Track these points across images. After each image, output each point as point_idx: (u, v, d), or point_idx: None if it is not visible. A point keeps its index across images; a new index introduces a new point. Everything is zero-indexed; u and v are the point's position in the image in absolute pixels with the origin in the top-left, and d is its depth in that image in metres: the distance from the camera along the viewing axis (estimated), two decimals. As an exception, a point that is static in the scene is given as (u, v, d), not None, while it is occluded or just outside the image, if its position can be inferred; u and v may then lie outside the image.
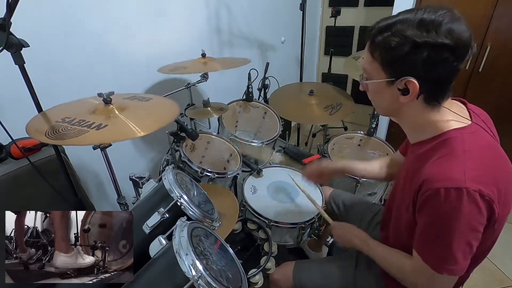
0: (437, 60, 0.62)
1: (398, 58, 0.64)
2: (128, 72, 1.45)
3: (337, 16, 2.18)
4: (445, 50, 0.60)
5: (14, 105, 1.05)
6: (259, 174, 1.51)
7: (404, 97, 0.68)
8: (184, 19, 1.66)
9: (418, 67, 0.63)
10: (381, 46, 0.66)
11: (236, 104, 1.79)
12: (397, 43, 0.62)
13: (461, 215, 0.62)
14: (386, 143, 1.66)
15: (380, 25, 0.66)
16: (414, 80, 0.64)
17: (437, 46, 0.60)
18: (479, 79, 1.94)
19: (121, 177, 1.15)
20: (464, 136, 0.68)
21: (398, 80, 0.66)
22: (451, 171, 0.63)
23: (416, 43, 0.61)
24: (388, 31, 0.64)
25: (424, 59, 0.62)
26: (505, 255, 1.73)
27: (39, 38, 1.07)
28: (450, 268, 0.67)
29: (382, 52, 0.66)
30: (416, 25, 0.61)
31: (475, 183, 0.61)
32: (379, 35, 0.66)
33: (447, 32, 0.60)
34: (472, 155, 0.65)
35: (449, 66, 0.63)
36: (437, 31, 0.60)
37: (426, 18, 0.61)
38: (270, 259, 1.08)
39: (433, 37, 0.60)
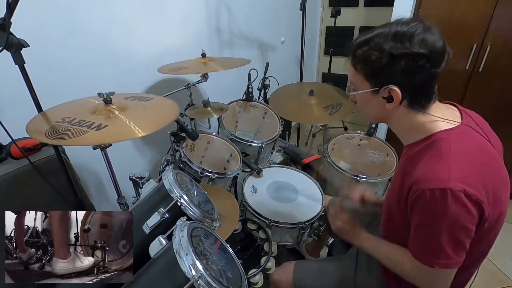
0: (414, 68, 0.66)
1: (378, 69, 0.69)
2: (128, 72, 1.45)
3: (337, 16, 2.18)
4: (420, 58, 0.65)
5: (14, 105, 1.05)
6: (259, 174, 1.51)
7: (390, 104, 0.72)
8: (184, 19, 1.66)
9: (398, 75, 0.68)
10: (362, 60, 0.71)
11: (236, 104, 1.79)
12: (376, 56, 0.67)
13: (446, 215, 0.63)
14: (386, 143, 1.66)
15: (358, 41, 0.71)
16: (396, 88, 0.69)
17: (412, 55, 0.65)
18: (479, 79, 1.93)
19: (121, 177, 1.15)
20: (451, 137, 0.70)
21: (381, 89, 0.71)
22: (436, 172, 0.66)
23: (393, 54, 0.65)
24: (367, 45, 0.69)
25: (402, 68, 0.66)
26: (505, 255, 1.73)
27: (39, 38, 1.07)
28: (441, 262, 0.68)
29: (364, 65, 0.71)
30: (391, 37, 0.66)
31: (460, 183, 0.62)
32: (359, 49, 0.71)
33: (421, 42, 0.64)
34: (458, 155, 0.67)
35: (426, 72, 0.67)
36: (411, 41, 0.64)
37: (399, 31, 0.66)
38: (270, 259, 1.08)
39: (407, 47, 0.64)
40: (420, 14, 1.94)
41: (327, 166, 1.57)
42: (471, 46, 1.87)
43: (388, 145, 1.65)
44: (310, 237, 1.38)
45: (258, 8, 2.20)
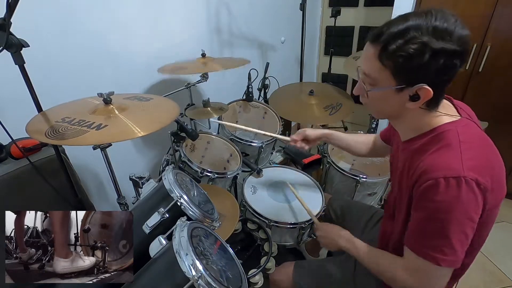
0: (450, 66, 0.62)
1: (415, 66, 0.62)
2: (128, 72, 1.45)
3: (337, 16, 2.18)
4: (456, 56, 0.62)
5: (14, 105, 1.05)
6: (259, 174, 1.51)
7: (413, 103, 0.68)
8: (184, 19, 1.66)
9: (433, 74, 0.63)
10: (396, 54, 0.63)
11: (236, 104, 1.79)
12: (417, 50, 0.61)
13: (459, 204, 0.63)
14: (386, 143, 1.65)
15: (392, 31, 0.63)
16: (428, 87, 0.64)
17: (451, 52, 0.61)
18: (479, 79, 1.94)
19: (121, 177, 1.15)
20: (458, 128, 0.69)
21: (411, 88, 0.66)
22: (449, 161, 0.65)
23: (435, 50, 0.60)
24: (402, 38, 0.62)
25: (439, 66, 0.62)
26: (505, 255, 1.73)
27: (39, 38, 1.07)
28: (448, 259, 0.67)
29: (398, 60, 0.63)
30: (432, 32, 0.60)
31: (473, 172, 0.63)
32: (392, 42, 0.63)
33: (458, 39, 0.61)
34: (468, 146, 0.67)
35: (456, 70, 0.64)
36: (451, 38, 0.60)
37: (439, 25, 0.60)
38: (270, 259, 1.08)
39: (448, 44, 0.60)
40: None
41: (327, 166, 1.58)
42: (471, 46, 1.87)
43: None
44: (310, 237, 1.39)
45: (258, 8, 2.20)
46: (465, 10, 1.84)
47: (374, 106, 0.77)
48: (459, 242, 0.66)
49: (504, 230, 1.93)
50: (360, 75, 0.73)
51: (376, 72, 0.68)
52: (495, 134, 0.80)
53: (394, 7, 2.06)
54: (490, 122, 1.50)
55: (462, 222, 0.64)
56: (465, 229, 0.65)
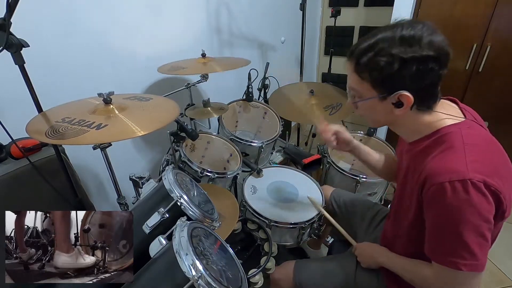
0: (425, 71, 0.64)
1: (388, 76, 0.66)
2: (128, 72, 1.45)
3: (337, 16, 2.18)
4: (430, 61, 0.63)
5: (14, 105, 1.05)
6: (259, 174, 1.51)
7: (399, 109, 0.70)
8: (184, 19, 1.66)
9: (408, 80, 0.65)
10: (369, 67, 0.67)
11: (236, 104, 1.79)
12: (386, 62, 0.64)
13: (469, 206, 0.62)
14: (386, 143, 1.66)
15: (362, 46, 0.68)
16: (408, 94, 0.66)
17: (423, 58, 0.63)
18: (479, 79, 1.94)
19: (121, 177, 1.15)
20: (462, 130, 0.69)
21: (391, 96, 0.68)
22: (453, 164, 0.64)
23: (404, 59, 0.63)
24: (372, 51, 0.66)
25: (413, 73, 0.64)
26: (505, 255, 1.73)
27: (39, 38, 1.07)
28: (468, 263, 0.65)
29: (372, 72, 0.67)
30: (398, 42, 0.63)
31: (478, 174, 0.62)
32: (364, 56, 0.67)
33: (429, 44, 0.63)
34: (472, 148, 0.66)
35: (435, 74, 0.65)
36: (420, 44, 0.62)
37: (406, 34, 0.63)
38: (270, 259, 1.08)
39: (417, 51, 0.62)
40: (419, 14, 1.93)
41: (327, 166, 1.58)
42: (471, 46, 1.87)
43: (388, 145, 1.65)
44: (310, 237, 1.39)
45: (258, 8, 2.20)
46: (465, 10, 1.84)
47: (366, 116, 0.80)
48: (477, 245, 0.64)
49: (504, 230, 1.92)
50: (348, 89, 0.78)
51: (358, 85, 0.72)
52: (495, 134, 0.80)
53: (394, 7, 2.07)
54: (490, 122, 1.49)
55: (476, 224, 0.63)
56: (481, 231, 0.63)
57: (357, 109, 0.78)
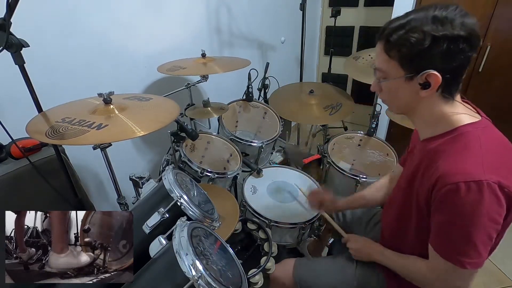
0: (455, 51, 0.64)
1: (418, 53, 0.65)
2: (128, 72, 1.45)
3: (337, 16, 2.18)
4: (461, 41, 0.63)
5: (14, 105, 1.05)
6: (259, 174, 1.51)
7: (425, 91, 0.69)
8: (184, 19, 1.66)
9: (438, 60, 0.65)
10: (399, 44, 0.67)
11: (236, 104, 1.79)
12: (417, 39, 0.64)
13: (482, 208, 0.62)
14: (386, 143, 1.66)
15: (393, 25, 0.68)
16: (436, 73, 0.66)
17: (454, 38, 0.63)
18: (479, 79, 1.93)
19: (121, 177, 1.15)
20: (478, 130, 0.69)
21: (419, 75, 0.68)
22: (469, 165, 0.64)
23: (435, 36, 0.63)
24: (403, 29, 0.66)
25: (443, 52, 0.64)
26: (505, 255, 1.73)
27: (39, 38, 1.07)
28: (473, 261, 0.66)
29: (401, 49, 0.67)
30: (431, 21, 0.64)
31: (494, 175, 0.62)
32: (394, 34, 0.67)
33: (461, 25, 0.63)
34: (488, 149, 0.66)
35: (465, 56, 0.65)
36: (452, 24, 0.63)
37: (438, 15, 0.64)
38: (270, 259, 1.08)
39: (449, 30, 0.63)
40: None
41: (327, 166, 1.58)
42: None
43: (388, 145, 1.65)
44: (310, 237, 1.38)
45: (258, 8, 2.20)
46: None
47: (390, 99, 0.79)
48: (483, 245, 0.65)
49: (504, 230, 1.93)
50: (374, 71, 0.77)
51: (385, 65, 0.72)
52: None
53: (394, 7, 2.06)
54: (490, 122, 1.50)
55: (486, 225, 0.64)
56: (489, 231, 0.65)
57: (381, 92, 0.78)
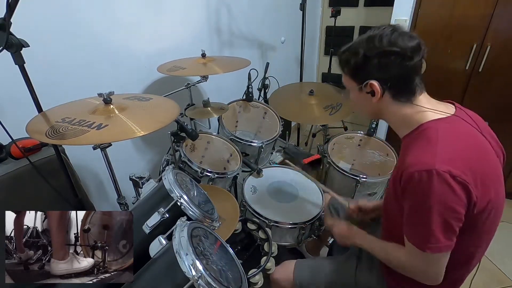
0: (387, 63, 0.75)
1: (357, 68, 0.79)
2: (128, 72, 1.45)
3: (337, 16, 2.18)
4: (390, 54, 0.73)
5: (14, 105, 1.05)
6: (259, 174, 1.51)
7: (374, 97, 0.79)
8: (184, 19, 1.66)
9: (374, 71, 0.77)
10: (344, 62, 0.82)
11: (236, 104, 1.79)
12: (354, 58, 0.78)
13: (433, 194, 0.67)
14: (386, 143, 1.66)
15: (343, 49, 0.83)
16: (374, 82, 0.77)
17: (383, 52, 0.74)
18: (479, 79, 1.93)
19: (121, 177, 1.15)
20: (439, 125, 0.75)
21: (363, 85, 0.79)
22: (423, 156, 0.71)
23: (366, 55, 0.76)
24: (347, 51, 0.81)
25: (376, 65, 0.75)
26: (505, 255, 1.73)
27: (39, 38, 1.07)
28: (432, 246, 0.71)
29: (347, 67, 0.82)
30: (365, 41, 0.76)
31: (445, 164, 0.67)
32: (343, 55, 0.82)
33: (389, 42, 0.73)
34: (445, 141, 0.72)
35: (399, 66, 0.74)
36: (380, 41, 0.74)
37: (371, 34, 0.76)
38: (270, 259, 1.08)
39: (378, 47, 0.74)
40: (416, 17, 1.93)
41: (327, 166, 1.58)
42: (471, 46, 1.87)
43: (388, 145, 1.65)
44: (310, 237, 1.39)
45: (258, 8, 2.20)
46: (465, 10, 1.84)
47: (357, 107, 0.90)
48: (441, 231, 0.70)
49: (504, 230, 1.93)
50: None
51: (345, 80, 0.86)
52: (496, 134, 0.80)
53: (394, 7, 2.06)
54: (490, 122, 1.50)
55: (440, 212, 0.68)
56: (446, 218, 0.69)
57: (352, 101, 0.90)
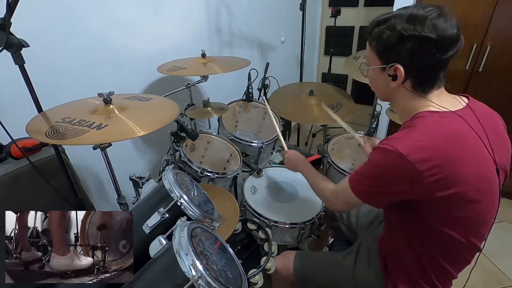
0: (420, 50, 0.69)
1: (388, 47, 0.73)
2: (128, 72, 1.45)
3: (337, 16, 2.18)
4: (427, 42, 0.67)
5: (14, 105, 1.05)
6: (259, 174, 1.51)
7: (394, 82, 0.76)
8: (184, 19, 1.66)
9: (404, 55, 0.71)
10: (376, 37, 0.75)
11: (236, 104, 1.79)
12: (388, 35, 0.71)
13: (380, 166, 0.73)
14: (386, 143, 1.65)
15: (378, 19, 0.76)
16: (400, 67, 0.72)
17: (420, 38, 0.67)
18: (479, 79, 1.94)
19: (121, 177, 1.15)
20: (431, 117, 0.72)
21: (388, 67, 0.75)
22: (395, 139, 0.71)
23: (403, 35, 0.69)
24: (384, 24, 0.73)
25: (409, 49, 0.69)
26: (505, 255, 1.73)
27: (39, 38, 1.07)
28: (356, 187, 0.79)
29: (377, 42, 0.75)
30: (406, 19, 0.69)
31: (408, 149, 0.67)
32: (376, 27, 0.75)
33: (432, 27, 0.66)
34: (427, 130, 0.70)
35: (431, 57, 0.69)
36: (422, 25, 0.67)
37: (414, 13, 0.68)
38: (270, 259, 1.08)
39: (418, 30, 0.67)
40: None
41: (327, 166, 1.57)
42: (471, 46, 1.87)
43: (388, 145, 1.64)
44: (310, 237, 1.38)
45: (258, 8, 2.20)
46: (465, 10, 1.84)
47: (372, 85, 0.87)
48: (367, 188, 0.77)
49: (504, 230, 1.93)
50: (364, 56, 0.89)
51: (368, 53, 0.81)
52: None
53: (394, 7, 2.07)
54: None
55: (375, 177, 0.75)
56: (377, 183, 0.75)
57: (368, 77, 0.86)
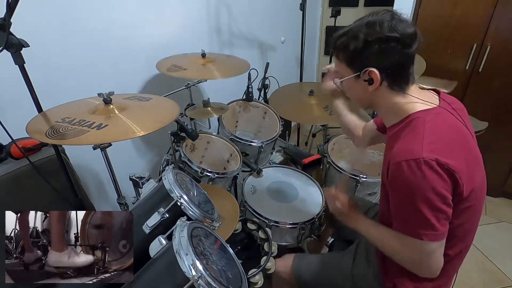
0: (388, 50, 0.73)
1: (356, 54, 0.76)
2: (128, 72, 1.45)
3: (337, 16, 2.18)
4: (392, 40, 0.71)
5: (14, 105, 1.05)
6: (259, 174, 1.51)
7: (371, 86, 0.78)
8: (184, 19, 1.66)
9: (374, 58, 0.74)
10: (342, 49, 0.79)
11: (236, 104, 1.79)
12: (354, 44, 0.75)
13: (422, 182, 0.68)
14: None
15: (337, 34, 0.80)
16: (374, 70, 0.75)
17: (385, 38, 0.72)
18: (479, 79, 1.94)
19: (121, 177, 1.15)
20: (427, 116, 0.75)
21: (362, 73, 0.77)
22: (410, 146, 0.72)
23: (367, 40, 0.73)
24: (345, 36, 0.77)
25: (377, 51, 0.73)
26: (505, 255, 1.73)
27: (39, 38, 1.07)
28: (428, 233, 0.72)
29: (345, 52, 0.79)
30: (365, 26, 0.74)
31: (432, 153, 0.68)
32: (338, 40, 0.79)
33: (392, 27, 0.71)
34: (432, 131, 0.72)
35: (399, 53, 0.73)
36: (381, 27, 0.72)
37: (371, 20, 0.74)
38: (270, 259, 1.08)
39: (380, 32, 0.72)
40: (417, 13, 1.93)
41: (327, 166, 1.58)
42: (471, 46, 1.87)
43: (388, 145, 1.64)
44: (310, 237, 1.39)
45: (258, 8, 2.20)
46: (465, 10, 1.84)
47: (350, 96, 0.89)
48: (434, 217, 0.70)
49: (504, 230, 1.93)
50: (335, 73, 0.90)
51: (337, 66, 0.84)
52: (495, 134, 0.81)
53: (394, 7, 2.07)
54: (490, 122, 1.50)
55: (430, 198, 0.69)
56: (436, 204, 0.69)
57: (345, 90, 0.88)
